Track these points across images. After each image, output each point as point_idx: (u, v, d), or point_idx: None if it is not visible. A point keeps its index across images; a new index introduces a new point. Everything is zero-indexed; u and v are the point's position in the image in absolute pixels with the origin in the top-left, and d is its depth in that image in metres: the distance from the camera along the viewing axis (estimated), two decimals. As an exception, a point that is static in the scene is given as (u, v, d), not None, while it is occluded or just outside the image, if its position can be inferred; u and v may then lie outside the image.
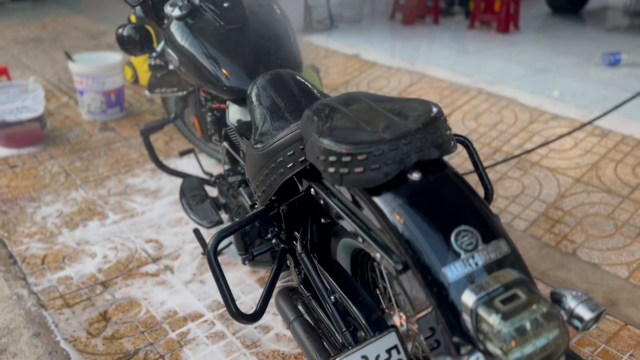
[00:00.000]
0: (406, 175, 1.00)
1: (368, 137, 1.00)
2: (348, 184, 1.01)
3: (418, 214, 0.95)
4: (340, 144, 1.00)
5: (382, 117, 1.07)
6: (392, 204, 0.98)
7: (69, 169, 2.81)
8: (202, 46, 1.73)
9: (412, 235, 0.94)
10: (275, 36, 1.77)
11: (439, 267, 0.91)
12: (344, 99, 1.18)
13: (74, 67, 3.29)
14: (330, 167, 1.02)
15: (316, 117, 1.12)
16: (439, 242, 0.93)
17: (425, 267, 0.92)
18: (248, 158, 1.46)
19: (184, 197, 2.12)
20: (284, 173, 1.28)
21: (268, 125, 1.50)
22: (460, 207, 0.97)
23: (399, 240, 0.96)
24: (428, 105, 1.08)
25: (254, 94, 1.60)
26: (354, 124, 1.06)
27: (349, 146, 0.99)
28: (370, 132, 1.02)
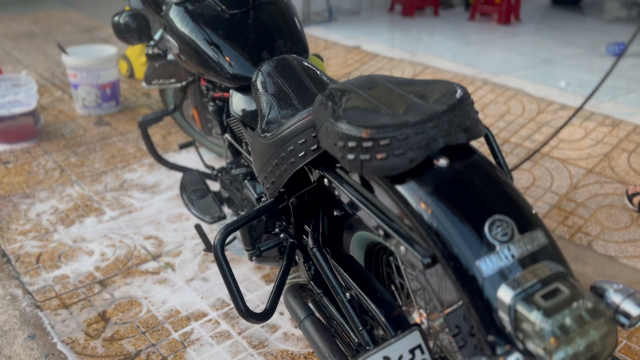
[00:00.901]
0: (432, 161, 0.92)
1: (390, 121, 0.92)
2: (369, 172, 0.93)
3: (447, 204, 0.88)
4: (361, 128, 0.92)
5: (404, 99, 0.99)
6: (417, 193, 0.90)
7: (63, 165, 2.72)
8: (203, 32, 1.65)
9: (441, 227, 0.87)
10: (279, 21, 1.68)
11: (472, 261, 0.84)
12: (360, 81, 1.10)
13: (68, 59, 3.20)
14: (349, 153, 0.95)
15: (331, 102, 1.04)
16: (471, 233, 0.85)
17: (457, 260, 0.85)
18: (255, 148, 1.38)
19: (185, 192, 2.04)
20: (295, 162, 1.20)
21: (275, 113, 1.42)
22: (492, 195, 0.90)
23: (427, 232, 0.88)
24: (453, 86, 1.01)
25: (259, 81, 1.52)
26: (373, 107, 0.98)
27: (371, 130, 0.91)
28: (392, 115, 0.94)
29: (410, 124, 0.90)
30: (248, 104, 1.60)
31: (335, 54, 3.94)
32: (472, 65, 3.46)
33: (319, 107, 1.09)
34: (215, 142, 2.66)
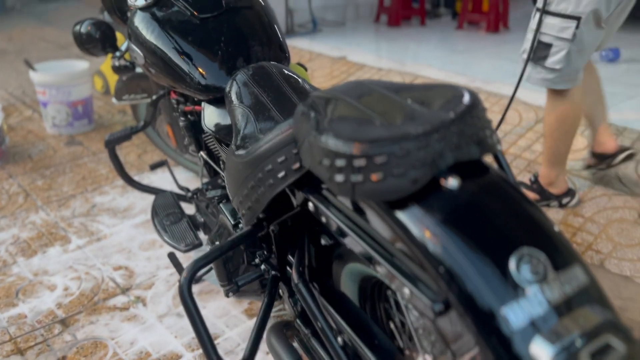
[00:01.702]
0: (439, 181, 0.75)
1: (387, 133, 0.74)
2: (363, 196, 0.75)
3: (461, 234, 0.70)
4: (350, 142, 0.74)
5: (402, 107, 0.81)
6: (423, 222, 0.72)
7: (29, 189, 2.51)
8: (171, 39, 1.47)
9: (455, 264, 0.69)
10: (256, 25, 1.51)
11: (497, 307, 0.65)
12: (348, 88, 0.93)
13: (36, 76, 3.00)
14: (337, 174, 0.76)
15: (314, 112, 0.87)
16: (494, 271, 0.67)
17: (477, 307, 0.67)
18: (229, 168, 1.20)
19: (157, 217, 1.84)
20: (274, 185, 1.01)
21: (252, 127, 1.24)
22: (517, 222, 0.72)
23: (437, 271, 0.70)
24: (459, 90, 0.83)
25: (233, 92, 1.35)
26: (365, 117, 0.81)
27: (363, 145, 0.73)
28: (388, 126, 0.76)
29: (411, 136, 0.72)
30: (222, 118, 1.42)
31: (321, 65, 3.78)
32: (462, 73, 3.32)
33: (300, 119, 0.91)
34: (192, 160, 2.47)
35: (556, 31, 1.81)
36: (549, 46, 1.84)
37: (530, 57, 1.89)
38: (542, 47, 1.86)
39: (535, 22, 1.87)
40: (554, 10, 1.80)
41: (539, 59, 1.88)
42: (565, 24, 1.79)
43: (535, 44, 1.87)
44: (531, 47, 1.88)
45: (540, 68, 1.89)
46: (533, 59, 1.89)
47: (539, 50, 1.87)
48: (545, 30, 1.83)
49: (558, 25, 1.80)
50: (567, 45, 1.81)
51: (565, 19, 1.78)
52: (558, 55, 1.83)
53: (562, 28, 1.80)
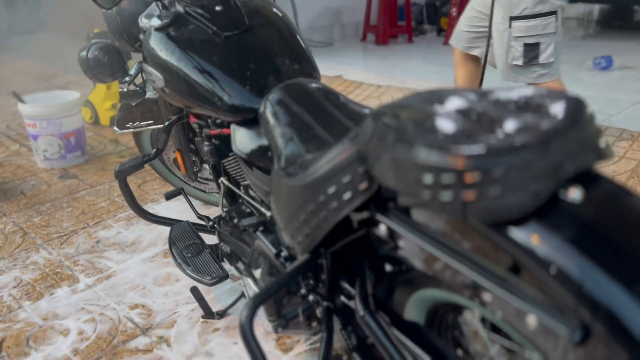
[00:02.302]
0: (556, 194, 0.67)
1: (501, 142, 0.66)
2: (476, 216, 0.67)
3: (596, 252, 0.62)
4: (460, 155, 0.66)
5: (500, 114, 0.74)
6: (551, 241, 0.64)
7: (26, 227, 2.36)
8: (194, 59, 1.38)
9: (597, 287, 0.61)
10: (283, 41, 1.43)
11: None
12: (423, 97, 0.85)
13: (25, 108, 2.87)
14: (443, 192, 0.68)
15: (395, 123, 0.79)
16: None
17: (628, 334, 0.59)
18: (278, 192, 1.10)
19: (176, 248, 1.73)
20: (338, 208, 0.93)
21: (296, 148, 1.15)
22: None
23: (575, 295, 0.62)
24: (563, 95, 0.76)
25: (269, 111, 1.26)
26: (462, 127, 0.73)
27: (476, 157, 0.65)
28: (497, 135, 0.69)
29: (529, 145, 0.65)
30: (255, 140, 1.33)
31: (316, 85, 3.72)
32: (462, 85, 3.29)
33: (371, 133, 0.83)
34: (200, 187, 2.37)
35: (540, 30, 2.03)
36: (536, 45, 2.05)
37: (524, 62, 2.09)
38: (530, 49, 2.06)
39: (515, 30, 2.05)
40: (531, 13, 2.02)
41: (531, 59, 2.08)
42: (546, 21, 2.03)
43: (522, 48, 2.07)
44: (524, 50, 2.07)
45: (535, 67, 2.09)
46: (525, 62, 2.08)
47: (528, 52, 2.06)
48: (529, 32, 2.03)
49: (540, 24, 2.02)
50: (553, 38, 2.06)
51: (544, 17, 2.02)
52: (548, 50, 2.07)
53: (545, 25, 2.03)
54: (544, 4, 2.00)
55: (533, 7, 2.00)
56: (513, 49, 2.07)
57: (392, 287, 1.06)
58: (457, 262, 0.77)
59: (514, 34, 2.04)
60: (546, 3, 2.00)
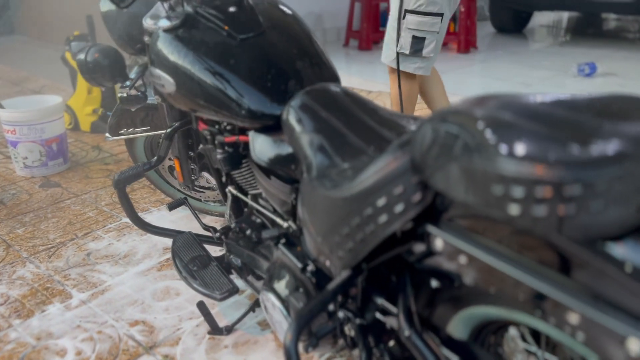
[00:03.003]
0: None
1: (599, 151, 0.62)
2: (574, 232, 0.62)
3: None
4: (557, 165, 0.61)
5: (586, 119, 0.69)
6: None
7: (9, 239, 2.23)
8: (208, 62, 1.31)
9: None
10: (301, 45, 1.37)
11: None
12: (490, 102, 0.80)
13: (4, 114, 2.72)
14: (535, 207, 0.63)
15: (464, 130, 0.73)
16: None
17: None
18: (314, 204, 1.04)
19: (180, 261, 1.64)
20: (389, 222, 0.87)
21: (328, 157, 1.09)
22: None
23: None
24: (637, 98, 0.73)
25: (293, 118, 1.20)
26: (548, 133, 0.68)
27: (575, 168, 0.60)
28: (588, 143, 0.64)
29: (632, 154, 0.60)
30: (276, 148, 1.26)
31: (304, 90, 3.66)
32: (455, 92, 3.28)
33: (431, 141, 0.78)
34: (196, 197, 2.28)
35: (428, 27, 2.29)
36: (422, 39, 2.31)
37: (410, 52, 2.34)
38: (417, 42, 2.32)
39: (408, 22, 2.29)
40: (425, 10, 2.28)
41: (416, 52, 2.34)
42: (433, 21, 2.29)
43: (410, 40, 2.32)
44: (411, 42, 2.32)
45: (416, 59, 2.37)
46: (410, 52, 2.34)
47: (415, 44, 2.32)
48: (419, 27, 2.29)
49: (428, 22, 2.29)
50: (436, 37, 2.33)
51: (433, 16, 2.29)
52: (430, 46, 2.34)
53: (432, 24, 2.30)
54: (434, 5, 2.27)
55: (426, 5, 2.27)
56: (402, 39, 2.32)
57: (438, 304, 1.01)
58: (535, 280, 0.72)
59: (406, 25, 2.30)
60: (436, 5, 2.28)
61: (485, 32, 5.92)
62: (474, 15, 4.79)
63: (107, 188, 2.68)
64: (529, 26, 6.14)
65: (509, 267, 0.75)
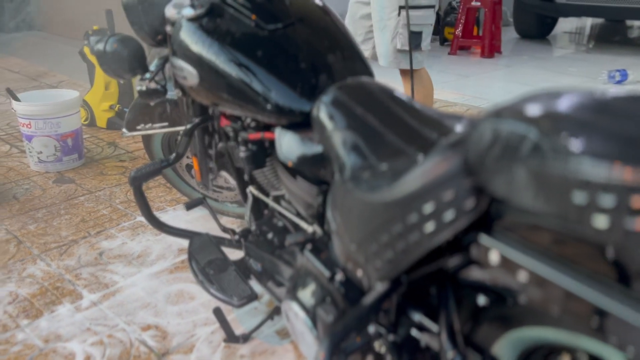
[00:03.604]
0: None
1: None
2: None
3: None
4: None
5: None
6: None
7: (20, 235, 2.17)
8: (234, 54, 1.23)
9: None
10: (332, 37, 1.29)
11: None
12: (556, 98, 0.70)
13: (20, 107, 2.67)
14: (626, 218, 0.54)
15: (532, 129, 0.64)
16: None
17: None
18: (345, 208, 0.95)
19: (196, 264, 1.56)
20: (437, 231, 0.78)
21: (364, 156, 1.00)
22: None
23: None
24: None
25: (324, 114, 1.11)
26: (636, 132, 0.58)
27: None
28: None
29: None
30: (305, 146, 1.18)
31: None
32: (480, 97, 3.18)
33: (491, 140, 0.68)
34: (213, 197, 2.20)
35: (423, 20, 2.26)
36: (420, 34, 2.27)
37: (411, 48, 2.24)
38: (415, 37, 2.26)
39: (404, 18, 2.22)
40: (418, 4, 2.23)
41: (416, 47, 2.28)
42: (428, 13, 2.27)
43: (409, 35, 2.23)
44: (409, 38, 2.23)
45: (416, 54, 2.29)
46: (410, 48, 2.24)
47: (414, 40, 2.26)
48: (416, 21, 2.23)
49: (424, 14, 2.25)
50: (430, 29, 2.32)
51: (427, 9, 2.26)
52: (427, 39, 2.32)
53: (427, 16, 2.27)
54: None
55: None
56: (401, 36, 2.27)
57: (484, 322, 0.91)
58: (610, 302, 0.62)
59: (403, 21, 2.24)
60: None
61: (508, 38, 5.80)
62: (499, 20, 4.68)
63: (122, 185, 2.61)
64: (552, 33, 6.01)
65: (578, 286, 0.66)
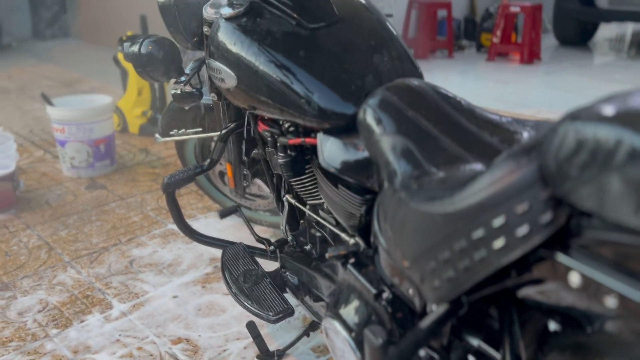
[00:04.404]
0: None
1: None
2: None
3: None
4: None
5: None
6: None
7: (51, 241, 2.14)
8: (274, 55, 1.16)
9: None
10: (378, 35, 1.20)
11: None
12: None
13: (54, 112, 2.66)
14: None
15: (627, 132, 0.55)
16: None
17: None
18: (397, 220, 0.86)
19: (230, 275, 1.49)
20: (508, 247, 0.68)
21: (416, 163, 0.91)
22: None
23: None
24: None
25: (371, 117, 1.03)
26: None
27: None
28: None
29: None
30: (350, 152, 1.09)
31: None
32: (524, 105, 3.06)
33: (575, 146, 0.59)
34: (246, 204, 2.14)
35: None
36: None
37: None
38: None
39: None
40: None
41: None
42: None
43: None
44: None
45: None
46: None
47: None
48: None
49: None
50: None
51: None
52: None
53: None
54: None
55: None
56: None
57: (554, 351, 0.81)
58: None
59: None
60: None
61: (547, 44, 5.63)
62: (539, 26, 4.54)
63: (154, 192, 2.57)
64: (592, 39, 5.82)
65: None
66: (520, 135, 0.93)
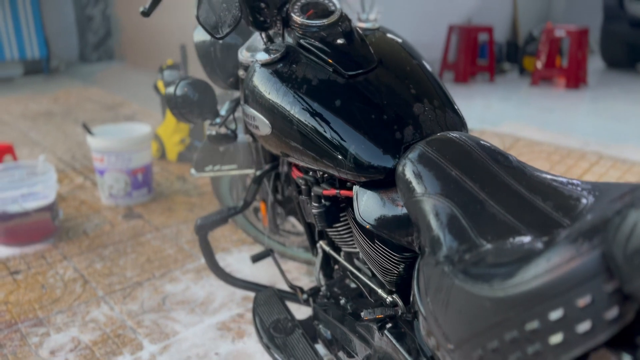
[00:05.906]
0: None
1: None
2: None
3: None
4: None
5: None
6: None
7: (87, 274, 2.14)
8: (310, 103, 1.11)
9: None
10: (420, 84, 1.14)
11: None
12: None
13: (94, 141, 2.69)
14: None
15: None
16: None
17: None
18: (440, 296, 0.79)
19: (261, 323, 1.44)
20: (566, 345, 0.61)
21: (463, 231, 0.84)
22: None
23: None
24: None
25: (410, 173, 0.96)
26: None
27: None
28: None
29: None
30: (386, 208, 1.03)
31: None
32: (569, 134, 2.92)
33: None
34: (280, 241, 2.09)
35: None
36: None
37: None
38: None
39: None
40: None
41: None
42: None
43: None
44: None
45: None
46: None
47: None
48: None
49: None
50: None
51: None
52: None
53: None
54: None
55: None
56: None
57: None
58: None
59: None
60: None
61: (593, 67, 5.45)
62: (586, 48, 4.38)
63: (189, 223, 2.56)
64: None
65: None
66: (577, 201, 0.85)
